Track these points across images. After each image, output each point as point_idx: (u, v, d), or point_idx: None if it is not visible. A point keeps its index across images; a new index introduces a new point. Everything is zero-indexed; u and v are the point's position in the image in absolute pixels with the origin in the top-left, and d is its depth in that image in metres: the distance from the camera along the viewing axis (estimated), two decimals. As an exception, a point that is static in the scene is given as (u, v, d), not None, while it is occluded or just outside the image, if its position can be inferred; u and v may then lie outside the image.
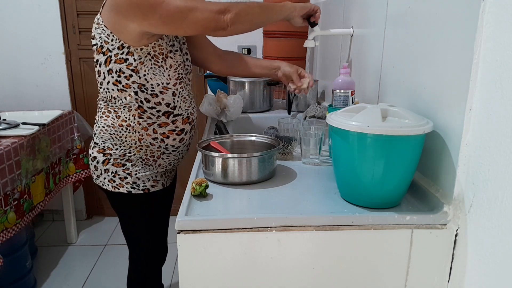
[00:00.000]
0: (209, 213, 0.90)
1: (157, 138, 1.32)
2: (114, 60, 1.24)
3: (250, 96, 1.85)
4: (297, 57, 2.14)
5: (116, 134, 1.31)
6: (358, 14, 1.49)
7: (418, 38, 1.00)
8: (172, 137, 1.34)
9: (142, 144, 1.31)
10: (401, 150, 0.85)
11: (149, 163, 1.35)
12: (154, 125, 1.30)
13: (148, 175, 1.36)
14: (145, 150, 1.32)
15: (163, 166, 1.39)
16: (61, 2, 2.55)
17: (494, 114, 0.74)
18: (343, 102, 1.28)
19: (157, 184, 1.38)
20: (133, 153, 1.32)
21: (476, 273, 0.81)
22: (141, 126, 1.29)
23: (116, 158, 1.32)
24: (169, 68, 1.28)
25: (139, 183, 1.34)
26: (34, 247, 2.39)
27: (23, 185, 1.89)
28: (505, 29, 0.71)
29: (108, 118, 1.31)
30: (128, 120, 1.29)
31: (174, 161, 1.42)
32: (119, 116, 1.29)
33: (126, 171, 1.33)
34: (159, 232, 1.53)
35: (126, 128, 1.29)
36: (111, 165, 1.32)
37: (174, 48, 1.30)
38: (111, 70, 1.25)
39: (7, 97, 2.64)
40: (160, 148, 1.34)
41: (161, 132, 1.31)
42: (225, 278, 0.88)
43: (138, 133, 1.30)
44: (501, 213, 0.72)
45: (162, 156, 1.36)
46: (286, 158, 1.24)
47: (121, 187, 1.34)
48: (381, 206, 0.90)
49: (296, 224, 0.87)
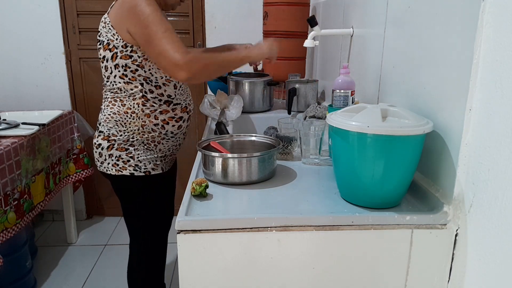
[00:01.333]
0: (209, 213, 0.90)
1: (158, 124, 1.43)
2: (120, 56, 1.36)
3: (250, 96, 1.85)
4: (297, 57, 2.14)
5: (121, 121, 1.42)
6: (358, 14, 1.49)
7: (418, 38, 1.00)
8: (171, 123, 1.45)
9: (145, 130, 1.43)
10: (401, 150, 0.85)
11: (150, 147, 1.46)
12: (156, 112, 1.42)
13: (149, 158, 1.46)
14: (147, 136, 1.44)
15: (163, 151, 1.50)
16: (61, 2, 2.55)
17: (494, 114, 0.74)
18: (343, 102, 1.28)
19: (157, 167, 1.49)
20: (136, 138, 1.43)
21: (476, 273, 0.81)
22: (144, 113, 1.41)
23: (120, 143, 1.43)
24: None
25: (141, 165, 1.45)
26: (34, 247, 2.39)
27: (23, 185, 1.89)
28: (505, 29, 0.71)
29: (114, 106, 1.43)
30: (132, 108, 1.40)
31: (172, 147, 1.53)
32: (125, 104, 1.41)
33: (129, 154, 1.44)
34: (159, 223, 1.59)
35: (130, 115, 1.41)
36: (115, 150, 1.44)
37: None
38: (117, 65, 1.38)
39: (7, 97, 2.64)
40: (161, 134, 1.45)
41: (162, 118, 1.43)
42: (225, 278, 0.88)
43: (141, 119, 1.41)
44: (501, 213, 0.72)
45: (162, 142, 1.47)
46: (286, 158, 1.24)
47: (124, 170, 1.44)
48: (381, 206, 0.90)
49: (296, 224, 0.87)
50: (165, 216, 1.64)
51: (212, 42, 2.65)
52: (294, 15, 2.04)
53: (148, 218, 1.54)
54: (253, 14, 2.60)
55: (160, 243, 1.63)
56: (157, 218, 1.57)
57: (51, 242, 2.63)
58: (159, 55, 1.28)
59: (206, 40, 2.66)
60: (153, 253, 1.62)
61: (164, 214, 1.61)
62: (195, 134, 2.83)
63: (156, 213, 1.56)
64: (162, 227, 1.62)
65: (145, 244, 1.59)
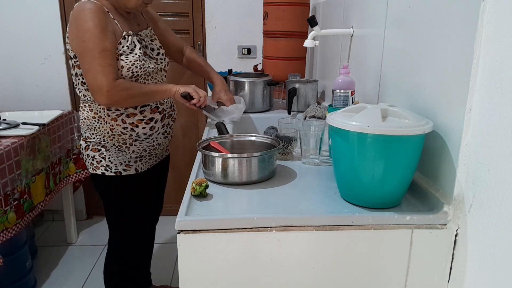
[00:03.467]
0: (209, 213, 0.90)
1: (127, 128, 1.44)
2: (76, 65, 1.40)
3: (250, 96, 1.85)
4: (297, 57, 2.14)
5: (91, 125, 1.46)
6: (358, 14, 1.49)
7: (418, 38, 1.00)
8: (141, 126, 1.46)
9: (114, 133, 1.44)
10: (401, 150, 0.85)
11: (122, 149, 1.49)
12: (122, 115, 1.43)
13: (121, 159, 1.49)
14: (118, 139, 1.46)
15: (137, 152, 1.52)
16: (61, 2, 2.54)
17: (494, 114, 0.74)
18: (343, 102, 1.28)
19: (129, 168, 1.52)
20: (107, 141, 1.46)
21: (476, 273, 0.81)
22: (110, 117, 1.42)
23: (94, 144, 1.48)
24: (121, 69, 1.37)
25: (112, 166, 1.49)
26: (34, 247, 2.39)
27: (23, 185, 1.89)
28: (505, 29, 0.71)
29: (84, 111, 1.47)
30: (99, 113, 1.43)
31: (148, 148, 1.54)
32: (92, 109, 1.44)
33: (101, 155, 1.48)
34: (134, 220, 1.62)
35: (98, 119, 1.44)
36: (90, 150, 1.50)
37: (127, 51, 1.39)
38: (77, 74, 1.41)
39: (7, 97, 2.64)
40: (132, 136, 1.47)
41: (130, 122, 1.44)
42: (225, 278, 0.88)
43: (109, 123, 1.43)
44: (501, 213, 0.72)
45: (134, 143, 1.49)
46: (286, 158, 1.24)
47: (97, 169, 1.50)
48: (381, 206, 0.90)
49: (296, 224, 0.87)
50: (146, 213, 1.67)
51: (212, 42, 2.65)
52: (294, 15, 2.04)
53: (123, 216, 1.59)
54: (253, 14, 2.60)
55: (138, 241, 1.68)
56: (132, 216, 1.60)
57: (51, 242, 2.63)
58: (87, 72, 1.31)
59: (206, 40, 2.66)
60: (129, 251, 1.66)
61: (141, 212, 1.64)
62: (195, 134, 2.83)
63: (131, 211, 1.59)
64: (139, 224, 1.65)
65: (122, 242, 1.64)
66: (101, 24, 1.30)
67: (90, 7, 1.30)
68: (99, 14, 1.31)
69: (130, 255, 1.67)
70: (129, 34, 1.41)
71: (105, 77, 1.29)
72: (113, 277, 1.68)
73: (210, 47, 2.66)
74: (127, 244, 1.64)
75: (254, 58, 2.68)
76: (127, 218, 1.60)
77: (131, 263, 1.68)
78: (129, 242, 1.64)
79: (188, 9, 2.60)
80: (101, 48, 1.29)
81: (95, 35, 1.29)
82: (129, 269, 1.68)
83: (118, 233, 1.63)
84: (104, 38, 1.30)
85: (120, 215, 1.60)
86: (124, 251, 1.65)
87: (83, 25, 1.29)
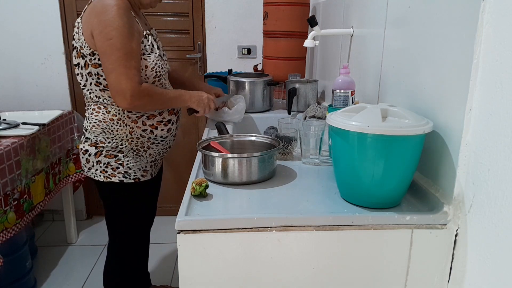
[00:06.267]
0: (209, 213, 0.90)
1: (147, 130, 1.40)
2: (90, 64, 1.30)
3: (250, 96, 1.85)
4: (297, 57, 2.14)
5: (108, 128, 1.37)
6: (358, 14, 1.49)
7: (418, 38, 1.00)
8: (160, 127, 1.42)
9: (133, 136, 1.39)
10: (401, 150, 0.85)
11: (140, 153, 1.43)
12: (143, 117, 1.38)
13: (139, 165, 1.44)
14: (136, 142, 1.40)
15: (153, 156, 1.48)
16: (61, 2, 2.54)
17: (494, 114, 0.74)
18: (343, 102, 1.28)
19: (146, 174, 1.47)
20: (125, 145, 1.39)
21: (476, 273, 0.81)
22: (130, 119, 1.36)
23: (109, 150, 1.39)
24: (145, 69, 1.32)
25: (130, 172, 1.42)
26: (34, 247, 2.39)
27: (23, 185, 1.88)
28: (505, 29, 0.71)
29: (98, 114, 1.37)
30: (118, 115, 1.36)
31: (162, 151, 1.51)
32: (109, 111, 1.36)
33: (118, 161, 1.40)
34: (144, 222, 1.60)
35: (117, 122, 1.36)
36: (104, 157, 1.39)
37: (148, 50, 1.34)
38: (90, 73, 1.32)
39: (7, 97, 2.64)
40: (150, 139, 1.42)
41: (150, 123, 1.40)
42: (225, 278, 0.88)
43: (129, 126, 1.37)
44: (501, 213, 0.72)
45: (151, 146, 1.44)
46: (286, 158, 1.24)
47: (113, 177, 1.41)
48: (381, 206, 0.90)
49: (296, 224, 0.87)
50: (148, 217, 1.65)
51: (212, 42, 2.65)
52: (294, 15, 2.04)
53: (132, 222, 1.55)
54: (253, 14, 2.60)
55: (140, 244, 1.65)
56: (139, 222, 1.58)
57: (51, 242, 2.63)
58: (110, 72, 1.23)
59: (206, 40, 2.66)
60: (131, 254, 1.63)
61: (147, 217, 1.62)
62: (195, 134, 2.83)
63: (140, 217, 1.57)
64: (143, 229, 1.63)
65: (125, 246, 1.60)
66: (129, 23, 1.23)
67: (117, 3, 1.22)
68: (127, 12, 1.23)
69: (131, 258, 1.65)
70: (149, 34, 1.36)
71: (129, 81, 1.22)
72: (114, 280, 1.67)
73: (210, 47, 2.66)
74: (128, 248, 1.62)
75: (254, 58, 2.68)
76: (132, 224, 1.57)
77: (132, 266, 1.66)
78: (131, 246, 1.62)
79: (188, 9, 2.60)
80: (128, 49, 1.22)
81: (123, 34, 1.21)
82: (130, 271, 1.66)
83: (121, 238, 1.58)
84: (131, 38, 1.23)
85: (126, 220, 1.54)
86: (126, 255, 1.62)
87: (111, 21, 1.20)
